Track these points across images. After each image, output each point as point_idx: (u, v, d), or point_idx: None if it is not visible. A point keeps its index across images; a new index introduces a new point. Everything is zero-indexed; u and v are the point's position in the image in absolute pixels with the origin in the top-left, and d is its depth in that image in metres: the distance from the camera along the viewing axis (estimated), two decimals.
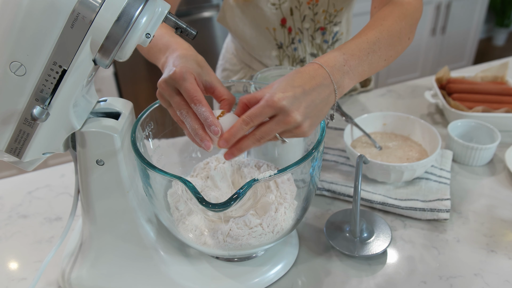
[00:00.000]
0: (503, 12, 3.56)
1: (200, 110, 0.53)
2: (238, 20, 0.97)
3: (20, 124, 0.49)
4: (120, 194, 0.57)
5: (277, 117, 0.51)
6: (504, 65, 1.09)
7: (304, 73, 0.54)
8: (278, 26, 0.95)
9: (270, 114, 0.51)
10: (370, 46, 0.60)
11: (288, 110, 0.50)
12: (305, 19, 0.94)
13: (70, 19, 0.43)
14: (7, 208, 0.82)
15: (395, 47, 0.64)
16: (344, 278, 0.63)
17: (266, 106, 0.50)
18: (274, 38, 0.98)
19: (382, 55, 0.62)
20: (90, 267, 0.62)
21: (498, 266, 0.64)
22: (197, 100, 0.53)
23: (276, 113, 0.51)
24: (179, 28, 0.51)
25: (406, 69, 2.88)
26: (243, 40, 1.02)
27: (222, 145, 0.53)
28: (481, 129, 0.88)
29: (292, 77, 0.53)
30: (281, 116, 0.51)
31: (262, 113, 0.51)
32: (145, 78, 2.32)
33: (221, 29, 2.32)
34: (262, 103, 0.51)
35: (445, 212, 0.71)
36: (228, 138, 0.52)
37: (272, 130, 0.52)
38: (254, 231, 0.55)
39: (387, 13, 0.65)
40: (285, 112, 0.51)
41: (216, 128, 0.52)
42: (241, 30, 0.99)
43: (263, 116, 0.51)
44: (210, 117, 0.52)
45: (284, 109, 0.50)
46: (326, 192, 0.78)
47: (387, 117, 0.90)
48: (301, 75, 0.53)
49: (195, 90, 0.54)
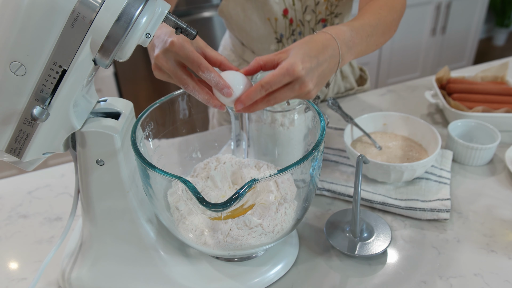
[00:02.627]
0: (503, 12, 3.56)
1: (209, 76, 0.55)
2: (240, 10, 0.97)
3: (20, 124, 0.49)
4: (120, 194, 0.57)
5: (292, 85, 0.55)
6: (504, 65, 1.09)
7: (318, 42, 0.57)
8: (280, 16, 0.95)
9: (288, 81, 0.54)
10: (370, 29, 0.66)
11: (305, 80, 0.54)
12: (307, 10, 0.94)
13: (70, 19, 0.43)
14: (7, 208, 0.82)
15: (385, 36, 0.72)
16: (344, 278, 0.63)
17: (286, 75, 0.53)
18: (275, 31, 0.98)
19: (376, 40, 0.68)
20: (90, 267, 0.62)
21: (498, 266, 0.64)
22: (204, 67, 0.55)
23: (292, 81, 0.54)
24: (179, 28, 0.51)
25: (406, 69, 2.88)
26: (243, 32, 1.02)
27: (238, 107, 0.56)
28: (481, 129, 0.88)
29: (307, 46, 0.56)
30: (296, 85, 0.55)
31: (281, 81, 0.54)
32: (145, 78, 2.32)
33: (220, 29, 2.32)
34: (282, 72, 0.53)
35: (445, 212, 0.71)
36: (245, 100, 0.55)
37: (286, 97, 0.56)
38: (254, 231, 0.55)
39: (381, 4, 0.72)
40: (301, 82, 0.54)
41: (229, 90, 0.55)
42: (242, 21, 0.99)
43: (281, 84, 0.54)
44: (221, 81, 0.55)
45: (301, 79, 0.54)
46: (326, 192, 0.78)
47: (387, 117, 0.90)
48: (315, 44, 0.57)
49: (199, 57, 0.56)
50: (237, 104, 0.56)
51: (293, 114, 0.71)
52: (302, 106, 0.70)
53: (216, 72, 0.56)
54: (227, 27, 1.08)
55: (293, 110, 0.70)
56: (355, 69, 1.17)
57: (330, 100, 0.90)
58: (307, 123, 0.71)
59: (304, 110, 0.71)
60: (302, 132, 0.72)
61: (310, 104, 0.63)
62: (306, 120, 0.71)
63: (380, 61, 2.75)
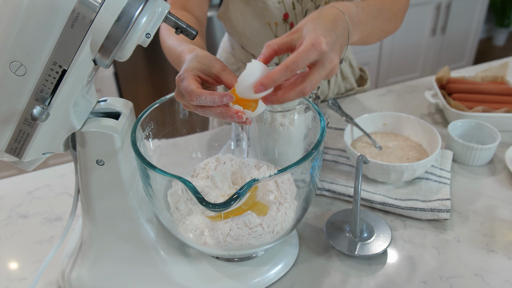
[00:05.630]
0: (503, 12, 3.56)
1: (203, 100, 0.51)
2: (239, 15, 0.97)
3: (20, 124, 0.49)
4: (120, 194, 0.57)
5: (322, 63, 0.52)
6: (504, 65, 1.09)
7: (329, 16, 0.56)
8: (280, 21, 0.95)
9: (315, 58, 0.51)
10: (376, 11, 0.65)
11: (330, 55, 0.52)
12: (307, 14, 0.94)
13: (70, 19, 0.43)
14: (7, 208, 0.82)
15: (391, 24, 0.71)
16: (344, 278, 0.63)
17: (312, 51, 0.50)
18: (275, 35, 0.97)
19: (381, 24, 0.67)
20: (90, 267, 0.62)
21: (498, 266, 0.64)
22: (192, 94, 0.52)
23: (319, 58, 0.51)
24: (179, 28, 0.51)
25: (406, 69, 2.88)
26: (243, 37, 1.02)
27: (258, 90, 0.50)
28: (481, 129, 0.88)
29: (321, 21, 0.54)
30: (326, 61, 0.52)
31: (308, 58, 0.50)
32: (145, 78, 2.32)
33: (221, 29, 2.32)
34: (307, 48, 0.50)
35: (445, 212, 0.71)
36: (267, 82, 0.50)
37: (319, 77, 0.52)
38: (254, 231, 0.55)
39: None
40: (329, 57, 0.52)
41: (226, 96, 0.51)
42: (242, 26, 0.99)
43: (308, 61, 0.51)
44: (215, 95, 0.51)
45: (327, 54, 0.51)
46: (326, 192, 0.78)
47: (387, 117, 0.90)
48: (328, 18, 0.55)
49: (187, 86, 0.53)
50: (257, 86, 0.50)
51: (293, 114, 0.71)
52: (302, 106, 0.70)
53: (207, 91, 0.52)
54: (227, 31, 1.08)
55: (293, 110, 0.70)
56: (355, 70, 1.17)
57: (330, 100, 0.90)
58: (307, 123, 0.71)
59: (304, 110, 0.71)
60: (302, 132, 0.72)
61: (310, 104, 0.63)
62: (306, 120, 0.71)
63: (380, 61, 2.75)
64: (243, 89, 0.52)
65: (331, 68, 0.53)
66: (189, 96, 0.52)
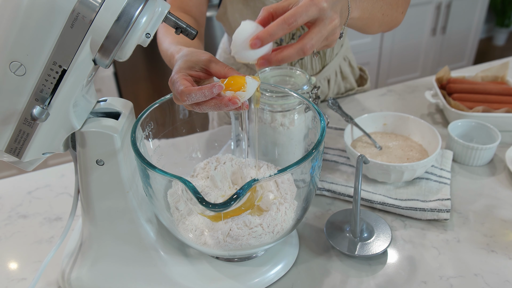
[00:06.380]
0: (503, 12, 3.56)
1: (194, 97, 0.50)
2: (238, 16, 0.97)
3: (20, 124, 0.49)
4: (120, 194, 0.57)
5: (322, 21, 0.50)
6: (504, 65, 1.09)
7: None
8: None
9: (314, 15, 0.49)
10: None
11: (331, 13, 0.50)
12: None
13: (70, 19, 0.43)
14: (7, 208, 0.82)
15: (393, 11, 0.70)
16: (344, 278, 0.63)
17: (312, 5, 0.48)
18: None
19: (382, 6, 0.66)
20: (90, 267, 0.62)
21: (498, 266, 0.64)
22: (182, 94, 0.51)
23: (319, 16, 0.50)
24: (179, 28, 0.51)
25: (406, 69, 2.88)
26: None
27: (254, 45, 0.48)
28: (481, 129, 0.88)
29: None
30: (326, 20, 0.50)
31: (307, 12, 0.48)
32: (145, 78, 2.32)
33: (220, 29, 2.32)
34: (306, 3, 0.48)
35: (445, 212, 0.71)
36: (263, 36, 0.48)
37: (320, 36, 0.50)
38: (254, 231, 0.55)
39: None
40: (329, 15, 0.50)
41: (215, 87, 0.49)
42: None
43: (307, 16, 0.49)
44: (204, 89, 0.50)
45: (327, 12, 0.49)
46: (326, 192, 0.78)
47: (387, 117, 0.90)
48: None
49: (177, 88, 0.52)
50: (253, 40, 0.48)
51: (293, 114, 0.71)
52: (302, 106, 0.70)
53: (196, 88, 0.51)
54: (226, 32, 1.08)
55: (293, 110, 0.70)
56: (355, 70, 1.17)
57: (330, 100, 0.90)
58: (307, 123, 0.71)
59: (304, 110, 0.71)
60: (302, 132, 0.72)
61: (310, 104, 0.63)
62: (306, 120, 0.71)
63: (380, 61, 2.75)
64: (238, 46, 0.50)
65: (332, 28, 0.51)
66: (181, 97, 0.52)
